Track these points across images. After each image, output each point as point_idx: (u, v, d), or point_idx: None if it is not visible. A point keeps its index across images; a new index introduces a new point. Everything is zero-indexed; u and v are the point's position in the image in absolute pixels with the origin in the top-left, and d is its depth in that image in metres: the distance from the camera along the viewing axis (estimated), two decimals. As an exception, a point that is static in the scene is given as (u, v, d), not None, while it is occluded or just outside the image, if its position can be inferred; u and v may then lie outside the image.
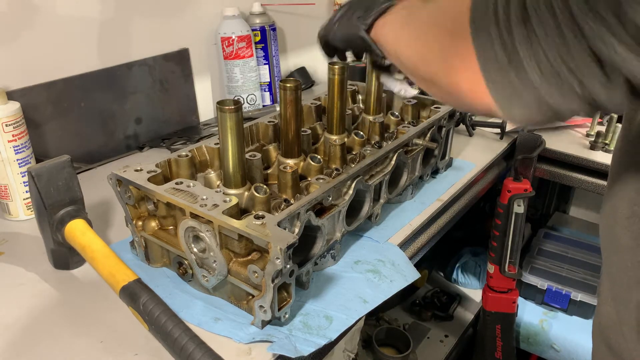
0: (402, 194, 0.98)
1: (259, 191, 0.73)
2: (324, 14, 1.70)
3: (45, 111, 1.05)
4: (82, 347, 0.65)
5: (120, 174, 0.74)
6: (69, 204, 0.76)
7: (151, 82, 1.23)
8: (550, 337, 1.59)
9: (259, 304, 0.64)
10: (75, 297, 0.74)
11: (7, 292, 0.75)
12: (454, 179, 1.09)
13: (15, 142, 0.88)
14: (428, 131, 1.00)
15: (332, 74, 0.90)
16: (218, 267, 0.67)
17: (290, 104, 0.82)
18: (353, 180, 0.80)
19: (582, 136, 1.37)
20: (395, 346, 1.61)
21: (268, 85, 1.46)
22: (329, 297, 0.74)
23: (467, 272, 1.84)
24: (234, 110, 0.70)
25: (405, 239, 0.90)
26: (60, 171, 0.76)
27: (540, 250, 1.76)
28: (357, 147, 0.95)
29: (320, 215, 0.75)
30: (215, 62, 1.38)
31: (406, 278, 0.80)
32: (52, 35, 1.05)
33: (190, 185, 0.71)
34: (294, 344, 0.64)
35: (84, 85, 1.11)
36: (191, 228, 0.68)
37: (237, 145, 0.73)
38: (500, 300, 1.49)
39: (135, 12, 1.17)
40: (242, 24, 1.32)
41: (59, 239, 0.75)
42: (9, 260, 0.82)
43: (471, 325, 1.73)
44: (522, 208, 1.31)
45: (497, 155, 1.23)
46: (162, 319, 0.59)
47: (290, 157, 0.86)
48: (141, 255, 0.80)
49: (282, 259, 0.59)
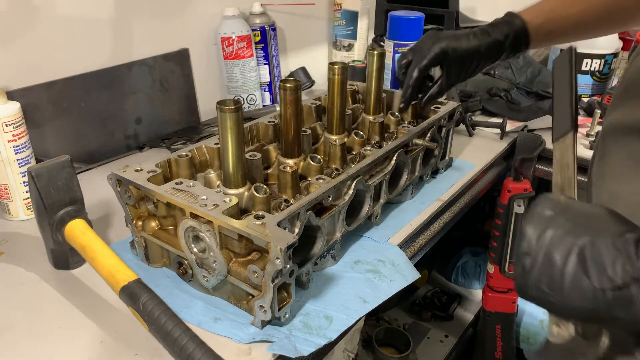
0: (402, 194, 0.98)
1: (259, 191, 0.73)
2: (324, 14, 1.70)
3: (45, 111, 1.05)
4: (82, 347, 0.65)
5: (120, 174, 0.74)
6: (69, 204, 0.76)
7: (151, 82, 1.23)
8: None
9: (259, 304, 0.64)
10: (75, 297, 0.74)
11: (7, 292, 0.75)
12: (454, 179, 1.09)
13: (15, 142, 0.88)
14: (428, 131, 1.00)
15: (332, 74, 0.90)
16: (218, 267, 0.67)
17: (290, 104, 0.82)
18: (353, 180, 0.80)
19: (582, 136, 1.36)
20: (395, 346, 1.61)
21: (268, 85, 1.46)
22: (329, 297, 0.74)
23: (467, 272, 1.84)
24: (234, 110, 0.70)
25: (405, 239, 0.90)
26: (60, 171, 0.75)
27: (540, 250, 1.76)
28: (357, 147, 0.95)
29: (320, 215, 0.75)
30: (215, 62, 1.38)
31: (406, 278, 0.80)
32: (52, 35, 1.05)
33: (190, 185, 0.71)
34: (294, 344, 0.64)
35: (84, 85, 1.11)
36: (191, 228, 0.68)
37: (237, 145, 0.73)
38: (500, 300, 1.49)
39: (135, 12, 1.17)
40: (242, 24, 1.32)
41: (59, 239, 0.75)
42: (9, 260, 0.82)
43: (471, 325, 1.73)
44: (522, 208, 1.31)
45: (497, 155, 1.23)
46: (162, 319, 0.59)
47: (290, 157, 0.86)
48: (141, 255, 0.80)
49: (282, 259, 0.59)
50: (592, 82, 1.56)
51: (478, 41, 0.88)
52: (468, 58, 0.88)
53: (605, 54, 1.53)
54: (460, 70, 0.89)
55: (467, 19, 1.81)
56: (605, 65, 1.54)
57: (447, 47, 0.86)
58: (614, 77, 1.58)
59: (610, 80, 1.58)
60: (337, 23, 1.68)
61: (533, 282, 0.49)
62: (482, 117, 1.42)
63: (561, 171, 0.64)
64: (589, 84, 1.57)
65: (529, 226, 0.51)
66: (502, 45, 0.89)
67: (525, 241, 0.50)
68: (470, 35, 0.88)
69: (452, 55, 0.87)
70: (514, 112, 1.40)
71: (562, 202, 0.52)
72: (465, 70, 0.90)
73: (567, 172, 0.63)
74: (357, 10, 1.63)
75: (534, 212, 0.52)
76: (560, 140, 0.67)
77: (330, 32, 1.73)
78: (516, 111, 1.40)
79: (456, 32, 0.89)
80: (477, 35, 0.88)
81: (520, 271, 0.51)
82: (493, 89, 1.47)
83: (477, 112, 1.43)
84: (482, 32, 0.89)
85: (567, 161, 0.64)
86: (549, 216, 0.51)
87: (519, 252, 0.51)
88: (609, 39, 1.53)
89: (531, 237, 0.50)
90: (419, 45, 0.89)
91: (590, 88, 1.57)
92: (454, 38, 0.87)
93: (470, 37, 0.88)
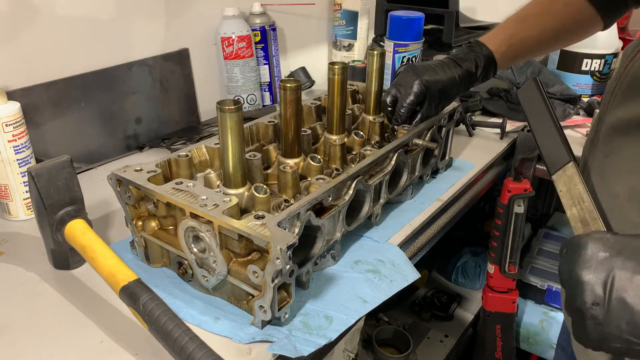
0: (402, 194, 0.98)
1: (259, 191, 0.73)
2: (324, 14, 1.70)
3: (45, 111, 1.05)
4: (82, 347, 0.65)
5: (120, 174, 0.74)
6: (69, 204, 0.76)
7: (151, 82, 1.23)
8: (550, 337, 1.59)
9: (259, 304, 0.64)
10: (75, 297, 0.74)
11: (7, 292, 0.75)
12: (454, 179, 1.09)
13: (15, 142, 0.88)
14: (428, 131, 1.00)
15: (332, 74, 0.90)
16: (218, 267, 0.67)
17: (290, 104, 0.82)
18: (353, 180, 0.80)
19: (582, 136, 1.37)
20: (395, 346, 1.61)
21: (268, 85, 1.46)
22: (329, 297, 0.74)
23: (467, 272, 1.84)
24: (234, 110, 0.70)
25: (405, 239, 0.90)
26: (60, 171, 0.75)
27: (540, 250, 1.76)
28: (357, 147, 0.95)
29: (320, 215, 0.75)
30: (215, 62, 1.38)
31: (406, 278, 0.80)
32: (52, 35, 1.05)
33: (190, 185, 0.71)
34: (294, 344, 0.64)
35: (84, 85, 1.11)
36: (191, 228, 0.68)
37: (237, 145, 0.73)
38: (500, 300, 1.49)
39: (135, 12, 1.17)
40: (242, 24, 1.32)
41: (59, 239, 0.75)
42: (9, 260, 0.82)
43: (471, 325, 1.73)
44: (522, 208, 1.31)
45: (497, 155, 1.23)
46: (162, 319, 0.59)
47: (290, 157, 0.86)
48: (141, 255, 0.80)
49: (282, 259, 0.59)
50: (592, 82, 1.56)
51: (453, 72, 0.93)
52: (447, 89, 0.94)
53: (605, 54, 1.52)
54: (439, 101, 0.95)
55: (467, 19, 1.81)
56: (605, 65, 1.54)
57: (429, 81, 0.91)
58: (614, 77, 1.58)
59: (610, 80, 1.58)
60: (337, 23, 1.68)
61: (613, 332, 0.46)
62: (482, 117, 1.42)
63: (575, 204, 0.63)
64: (589, 84, 1.57)
65: (586, 272, 0.47)
66: (474, 75, 0.95)
67: (588, 290, 0.47)
68: (444, 67, 0.94)
69: (433, 89, 0.92)
70: (514, 112, 1.40)
71: (612, 240, 0.49)
72: (445, 100, 0.96)
73: (582, 204, 0.62)
74: (357, 10, 1.63)
75: (585, 256, 0.48)
76: (560, 172, 0.66)
77: (330, 32, 1.73)
78: (516, 111, 1.40)
79: (430, 64, 0.94)
80: (450, 66, 0.94)
81: (592, 325, 0.46)
82: (493, 89, 1.47)
83: (477, 112, 1.43)
84: (454, 63, 0.95)
85: (577, 192, 0.63)
86: (606, 258, 0.47)
87: (579, 304, 0.47)
88: (609, 39, 1.53)
89: (595, 285, 0.47)
90: (401, 81, 0.93)
91: (590, 88, 1.57)
92: (432, 71, 0.93)
93: (445, 69, 0.94)
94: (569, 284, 0.49)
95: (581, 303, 0.47)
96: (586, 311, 0.47)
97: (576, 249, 0.50)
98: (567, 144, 0.68)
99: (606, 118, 0.72)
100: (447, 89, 0.94)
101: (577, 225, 0.62)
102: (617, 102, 0.70)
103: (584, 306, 0.47)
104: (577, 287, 0.48)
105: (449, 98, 0.97)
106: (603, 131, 0.73)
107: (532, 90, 0.73)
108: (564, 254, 0.53)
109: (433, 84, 0.92)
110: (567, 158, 0.66)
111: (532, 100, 0.73)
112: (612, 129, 0.70)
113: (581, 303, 0.47)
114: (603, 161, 0.71)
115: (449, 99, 0.97)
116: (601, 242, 0.49)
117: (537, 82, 0.73)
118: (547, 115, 0.71)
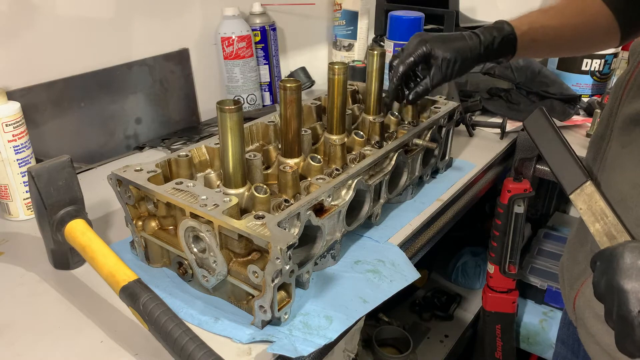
0: (402, 194, 0.98)
1: (259, 191, 0.73)
2: (324, 14, 1.70)
3: (45, 111, 1.05)
4: (82, 347, 0.65)
5: (120, 174, 0.74)
6: (69, 204, 0.76)
7: (151, 82, 1.23)
8: (550, 337, 1.59)
9: (259, 304, 0.64)
10: (75, 297, 0.74)
11: (7, 292, 0.75)
12: (454, 179, 1.09)
13: (15, 142, 0.88)
14: (428, 131, 1.00)
15: (332, 74, 0.90)
16: (218, 267, 0.67)
17: (291, 104, 0.82)
18: (353, 180, 0.80)
19: (582, 136, 1.37)
20: (395, 346, 1.61)
21: (268, 85, 1.46)
22: (329, 297, 0.74)
23: (467, 272, 1.84)
24: (234, 110, 0.70)
25: (405, 239, 0.90)
26: (60, 171, 0.75)
27: (540, 250, 1.76)
28: (357, 147, 0.95)
29: (320, 215, 0.75)
30: (215, 62, 1.38)
31: (406, 278, 0.80)
32: (52, 35, 1.05)
33: (190, 185, 0.71)
34: (293, 344, 0.64)
35: (84, 85, 1.11)
36: (191, 228, 0.68)
37: (237, 145, 0.73)
38: (500, 300, 1.49)
39: (135, 12, 1.17)
40: (242, 24, 1.32)
41: (59, 239, 0.75)
42: (9, 260, 0.82)
43: (471, 325, 1.73)
44: (522, 208, 1.31)
45: (497, 155, 1.23)
46: (162, 319, 0.59)
47: (290, 157, 0.86)
48: (141, 255, 0.80)
49: (282, 259, 0.59)
50: (592, 82, 1.56)
51: (466, 42, 0.89)
52: (453, 58, 0.89)
53: (605, 54, 1.52)
54: (445, 69, 0.90)
55: (467, 19, 1.81)
56: (605, 65, 1.54)
57: (433, 45, 0.88)
58: (613, 77, 1.58)
59: (610, 80, 1.58)
60: (337, 23, 1.68)
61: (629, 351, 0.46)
62: (482, 117, 1.42)
63: (597, 219, 0.64)
64: (589, 84, 1.57)
65: (627, 281, 0.48)
66: (490, 47, 0.90)
67: (633, 298, 0.47)
68: (458, 37, 0.90)
69: (436, 54, 0.88)
70: (514, 112, 1.40)
71: None
72: (451, 69, 0.90)
73: (606, 219, 0.63)
74: (357, 10, 1.63)
75: (624, 265, 0.49)
76: (578, 191, 0.68)
77: (330, 32, 1.73)
78: (516, 111, 1.40)
79: (444, 34, 0.91)
80: (466, 37, 0.90)
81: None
82: (493, 89, 1.47)
83: (477, 112, 1.43)
84: (472, 34, 0.91)
85: (599, 209, 0.64)
86: None
87: (624, 313, 0.47)
88: (609, 39, 1.53)
89: (639, 292, 0.47)
90: (406, 45, 0.91)
91: (590, 88, 1.57)
92: (441, 38, 0.89)
93: (458, 36, 0.90)
94: (609, 295, 0.49)
95: (627, 312, 0.47)
96: (634, 320, 0.47)
97: (613, 259, 0.50)
98: (582, 165, 0.70)
99: (621, 111, 0.73)
100: (454, 57, 0.88)
101: (602, 239, 0.63)
102: (633, 94, 0.71)
103: (630, 315, 0.47)
104: (620, 297, 0.48)
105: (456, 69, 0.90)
106: (618, 123, 0.73)
107: (539, 119, 0.75)
108: (598, 267, 0.54)
109: (438, 50, 0.87)
110: (584, 178, 0.68)
111: (539, 128, 0.75)
112: (629, 121, 0.70)
113: (627, 312, 0.47)
114: (620, 152, 0.71)
115: (456, 70, 0.90)
116: (638, 251, 0.49)
117: (543, 111, 0.75)
118: (558, 140, 0.72)
